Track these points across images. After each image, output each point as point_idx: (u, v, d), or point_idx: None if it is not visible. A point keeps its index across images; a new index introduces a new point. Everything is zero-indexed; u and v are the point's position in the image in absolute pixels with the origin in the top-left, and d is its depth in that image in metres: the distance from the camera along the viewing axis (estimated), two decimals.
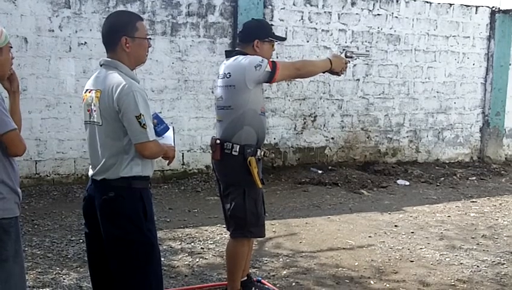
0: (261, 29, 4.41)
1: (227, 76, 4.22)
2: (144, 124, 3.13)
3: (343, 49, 4.57)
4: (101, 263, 3.38)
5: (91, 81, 3.35)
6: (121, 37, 3.24)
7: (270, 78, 4.17)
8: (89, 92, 3.30)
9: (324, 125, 9.77)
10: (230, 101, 4.22)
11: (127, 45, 3.25)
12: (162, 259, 4.95)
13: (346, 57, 4.53)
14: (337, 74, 4.49)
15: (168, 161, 3.47)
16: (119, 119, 3.15)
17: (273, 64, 4.15)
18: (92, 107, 3.25)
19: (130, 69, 3.29)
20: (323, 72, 4.54)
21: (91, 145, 3.33)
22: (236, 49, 4.49)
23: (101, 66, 3.35)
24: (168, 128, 3.55)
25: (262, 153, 4.30)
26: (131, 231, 3.21)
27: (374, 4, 9.94)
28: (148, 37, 3.37)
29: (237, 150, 4.18)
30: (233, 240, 4.38)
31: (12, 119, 3.06)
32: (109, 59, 3.30)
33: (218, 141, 4.25)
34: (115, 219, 3.22)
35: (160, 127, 3.50)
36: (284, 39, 4.87)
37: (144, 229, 3.24)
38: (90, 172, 3.37)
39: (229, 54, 4.41)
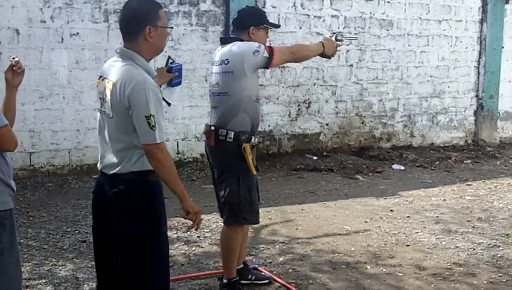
0: (256, 16, 4.48)
1: (225, 62, 4.23)
2: (153, 126, 3.01)
3: (333, 33, 4.67)
4: (107, 257, 3.31)
5: (105, 68, 3.26)
6: (145, 26, 3.13)
7: (268, 64, 4.22)
8: (102, 80, 3.21)
9: (318, 111, 9.76)
10: (227, 87, 4.23)
11: (151, 34, 3.14)
12: None
13: (336, 40, 4.58)
14: (329, 57, 4.57)
15: (195, 227, 3.33)
16: (129, 115, 3.05)
17: (270, 50, 4.21)
18: (104, 96, 3.17)
19: (146, 61, 3.19)
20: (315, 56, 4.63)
21: (101, 134, 3.26)
22: (232, 36, 4.52)
23: (117, 53, 3.23)
24: (180, 83, 3.77)
25: (256, 140, 4.33)
26: (138, 225, 3.14)
27: None
28: (169, 26, 3.27)
29: (232, 136, 4.20)
30: (227, 228, 4.40)
31: (6, 114, 3.04)
32: (126, 49, 3.18)
33: (212, 128, 4.26)
34: (123, 212, 3.15)
35: (176, 81, 3.67)
36: (278, 26, 5.04)
37: (151, 223, 3.16)
38: (99, 164, 3.29)
39: (224, 41, 4.46)
